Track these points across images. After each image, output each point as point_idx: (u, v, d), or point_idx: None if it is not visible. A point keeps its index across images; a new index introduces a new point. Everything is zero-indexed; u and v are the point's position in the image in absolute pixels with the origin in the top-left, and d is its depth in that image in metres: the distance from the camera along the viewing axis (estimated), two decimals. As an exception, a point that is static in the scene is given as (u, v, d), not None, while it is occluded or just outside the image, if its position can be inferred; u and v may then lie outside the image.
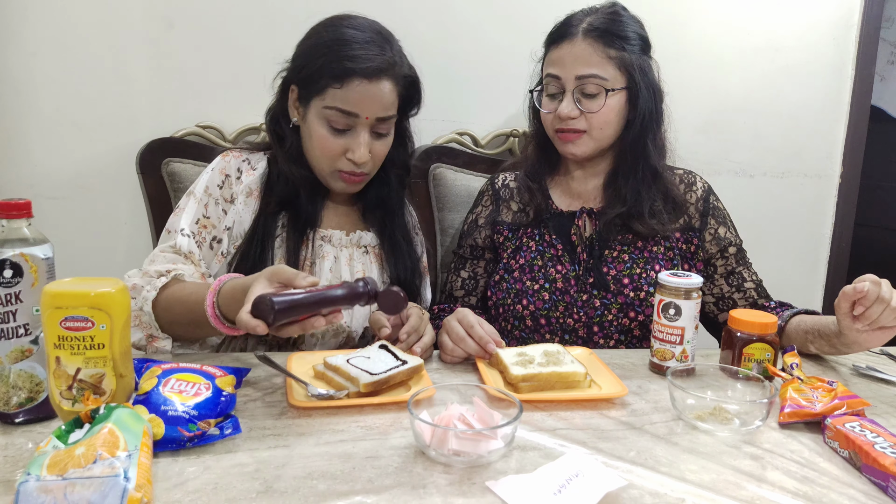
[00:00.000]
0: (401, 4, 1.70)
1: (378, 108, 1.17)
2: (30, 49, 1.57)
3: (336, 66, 1.15)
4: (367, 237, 1.32)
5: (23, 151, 1.61)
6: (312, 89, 1.18)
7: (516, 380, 0.97)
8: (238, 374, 0.92)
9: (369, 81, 1.15)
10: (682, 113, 1.94)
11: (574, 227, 1.34)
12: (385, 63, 1.16)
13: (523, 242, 1.37)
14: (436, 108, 1.77)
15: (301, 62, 1.20)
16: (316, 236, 1.26)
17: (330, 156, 1.20)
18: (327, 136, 1.18)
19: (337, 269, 1.27)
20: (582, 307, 1.29)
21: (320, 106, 1.17)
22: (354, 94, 1.15)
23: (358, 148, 1.18)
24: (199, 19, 1.63)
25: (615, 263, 1.30)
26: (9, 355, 0.81)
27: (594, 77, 1.26)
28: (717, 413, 0.90)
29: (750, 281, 1.33)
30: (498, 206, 1.44)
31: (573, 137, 1.30)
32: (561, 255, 1.32)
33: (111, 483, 0.61)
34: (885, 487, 0.74)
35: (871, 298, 0.99)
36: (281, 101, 1.26)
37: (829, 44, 1.96)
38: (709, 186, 1.39)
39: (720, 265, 1.34)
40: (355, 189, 1.27)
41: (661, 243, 1.32)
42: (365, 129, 1.19)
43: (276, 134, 1.27)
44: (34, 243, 0.81)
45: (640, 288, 1.27)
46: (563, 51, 1.29)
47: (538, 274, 1.32)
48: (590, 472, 0.73)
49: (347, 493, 0.70)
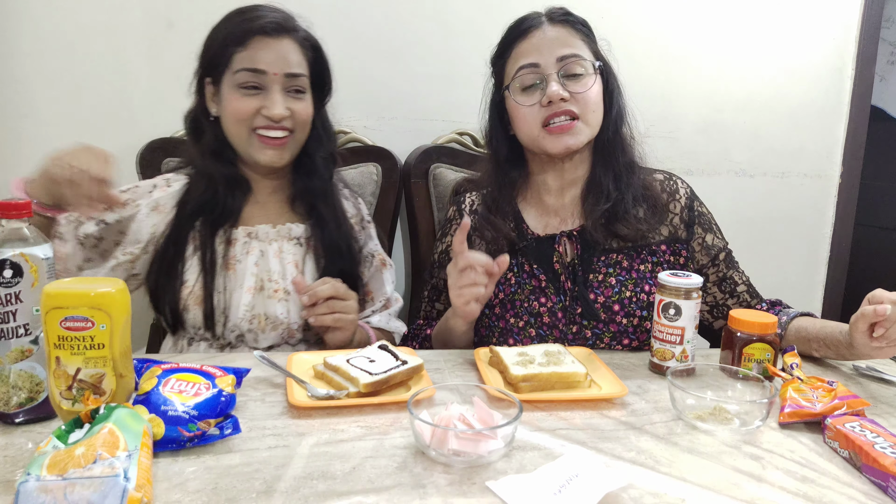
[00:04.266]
0: (401, 4, 1.70)
1: (284, 63, 1.19)
2: (30, 49, 1.57)
3: (237, 31, 1.19)
4: (298, 229, 1.30)
5: (23, 151, 1.61)
6: (221, 65, 1.20)
7: (516, 380, 0.97)
8: (238, 374, 0.92)
9: (270, 37, 1.18)
10: (682, 113, 1.95)
11: (556, 253, 1.25)
12: (282, 19, 1.21)
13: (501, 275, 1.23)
14: (436, 108, 1.78)
15: (206, 47, 1.23)
16: (239, 234, 1.25)
17: (245, 117, 1.20)
18: (240, 98, 1.19)
19: (264, 263, 1.25)
20: (573, 340, 1.22)
21: (230, 76, 1.19)
22: (258, 52, 1.18)
23: (273, 105, 1.19)
24: (199, 19, 1.62)
25: (602, 289, 1.22)
26: (9, 355, 0.81)
27: (576, 56, 1.21)
28: (717, 413, 0.90)
29: (741, 284, 1.30)
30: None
31: (567, 127, 1.20)
32: (545, 287, 1.23)
33: (111, 483, 0.61)
34: (885, 487, 0.74)
35: (893, 321, 0.97)
36: (200, 101, 1.26)
37: (829, 44, 1.96)
38: (691, 191, 1.33)
39: (712, 273, 1.29)
40: (279, 157, 1.23)
41: (647, 260, 1.25)
42: (277, 85, 1.20)
43: (194, 131, 1.28)
44: (34, 243, 0.81)
45: (633, 314, 1.21)
46: (535, 38, 1.23)
47: (521, 309, 1.23)
48: (590, 472, 0.73)
49: (347, 493, 0.70)
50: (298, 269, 1.27)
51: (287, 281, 1.25)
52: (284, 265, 1.26)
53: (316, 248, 1.30)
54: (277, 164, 1.25)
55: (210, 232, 1.24)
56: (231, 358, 1.10)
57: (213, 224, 1.24)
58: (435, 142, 1.75)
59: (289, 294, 1.24)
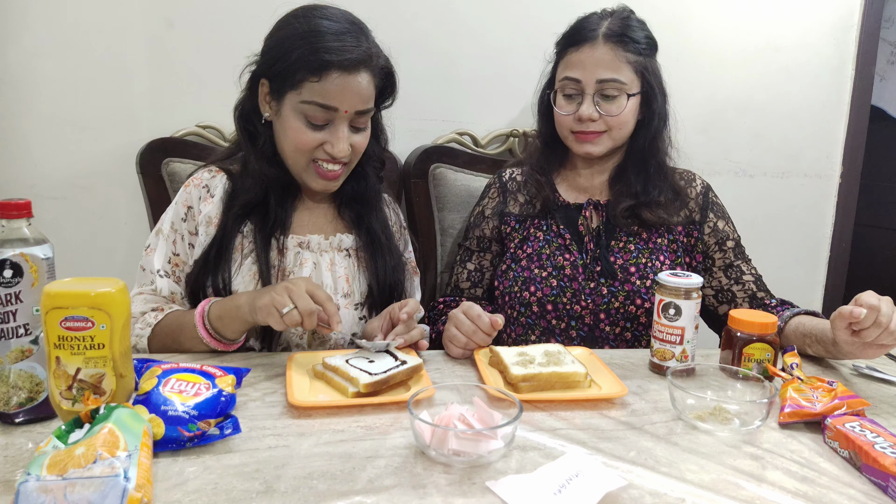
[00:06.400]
0: (401, 4, 1.70)
1: (357, 101, 1.14)
2: (30, 49, 1.57)
3: (313, 58, 1.10)
4: (348, 240, 1.28)
5: (23, 151, 1.61)
6: (287, 83, 1.14)
7: (516, 380, 0.97)
8: (238, 374, 0.92)
9: (348, 74, 1.12)
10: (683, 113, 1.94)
11: (581, 217, 1.37)
12: (363, 55, 1.13)
13: (531, 233, 1.39)
14: (436, 108, 1.78)
15: (273, 55, 1.15)
16: (290, 243, 1.23)
17: (306, 150, 1.16)
18: (304, 130, 1.15)
19: (317, 275, 1.23)
20: (590, 294, 1.30)
21: (297, 100, 1.13)
22: (333, 87, 1.12)
23: (338, 143, 1.15)
24: (198, 19, 1.63)
25: (622, 253, 1.33)
26: (9, 355, 0.81)
27: (615, 81, 1.30)
28: (717, 413, 0.90)
29: (748, 274, 1.35)
30: (505, 197, 1.45)
31: (592, 137, 1.33)
32: (569, 245, 1.35)
33: (111, 483, 0.61)
34: (885, 487, 0.74)
35: (867, 324, 0.97)
36: (251, 97, 1.21)
37: (829, 44, 1.96)
38: (707, 184, 1.43)
39: (718, 258, 1.36)
40: (333, 186, 1.23)
41: (664, 235, 1.35)
42: (344, 123, 1.15)
43: (248, 131, 1.22)
44: (34, 243, 0.81)
45: (646, 276, 1.30)
46: (584, 54, 1.31)
47: (546, 262, 1.34)
48: (590, 472, 0.73)
49: (347, 493, 0.70)
50: (349, 284, 1.25)
51: (338, 295, 1.23)
52: (336, 279, 1.25)
53: (366, 262, 1.28)
54: (329, 191, 1.25)
55: (264, 240, 1.20)
56: (231, 358, 1.10)
57: (265, 230, 1.20)
58: (435, 142, 1.75)
59: (338, 309, 1.18)
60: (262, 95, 1.19)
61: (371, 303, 1.27)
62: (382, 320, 1.15)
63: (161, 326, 1.14)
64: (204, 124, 1.64)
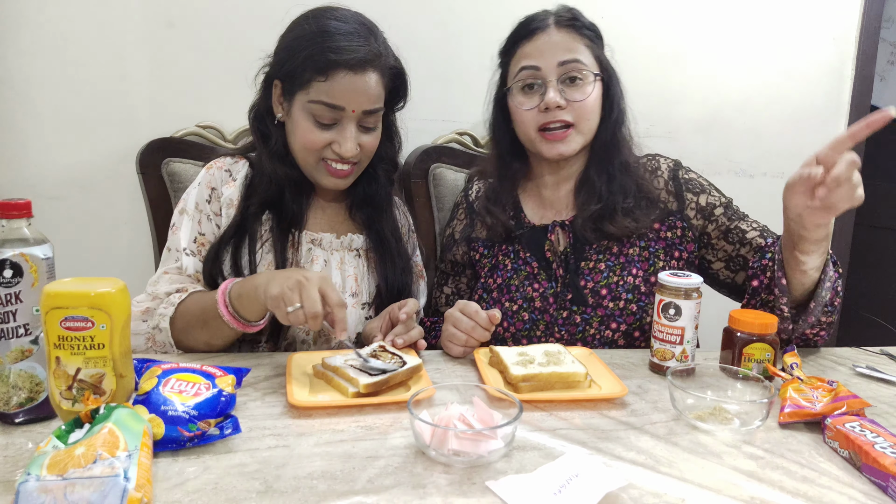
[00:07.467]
0: (401, 4, 1.70)
1: (364, 100, 1.15)
2: (30, 49, 1.57)
3: (320, 58, 1.12)
4: (359, 240, 1.29)
5: (23, 151, 1.61)
6: (296, 83, 1.15)
7: (516, 380, 0.97)
8: (238, 374, 0.92)
9: (355, 73, 1.13)
10: (682, 113, 1.95)
11: (548, 242, 1.31)
12: (370, 54, 1.14)
13: (499, 260, 1.34)
14: (436, 108, 1.78)
15: (283, 56, 1.17)
16: (304, 238, 1.24)
17: (315, 149, 1.17)
18: (312, 129, 1.16)
19: (327, 273, 1.24)
20: (563, 325, 1.26)
21: (305, 100, 1.15)
22: (340, 86, 1.12)
23: (345, 142, 1.16)
24: (198, 19, 1.63)
25: (592, 275, 1.27)
26: (9, 355, 0.81)
27: (576, 62, 1.25)
28: (717, 413, 0.90)
29: (751, 231, 1.26)
30: (472, 220, 1.41)
31: (561, 136, 1.26)
32: (537, 273, 1.30)
33: (111, 483, 0.61)
34: (885, 487, 0.74)
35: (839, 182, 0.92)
36: (265, 98, 1.23)
37: (829, 44, 1.96)
38: (674, 163, 1.35)
39: (712, 230, 1.29)
40: (344, 184, 1.24)
41: (636, 244, 1.28)
42: (352, 123, 1.16)
43: (261, 132, 1.24)
44: (34, 243, 0.81)
45: (619, 297, 1.24)
46: (539, 41, 1.26)
47: (516, 294, 1.29)
48: (590, 472, 0.73)
49: (347, 493, 0.70)
50: (357, 284, 1.26)
51: (346, 294, 1.25)
52: (345, 278, 1.26)
53: (376, 263, 1.29)
54: (340, 189, 1.26)
55: (282, 233, 1.21)
56: (231, 358, 1.10)
57: (281, 225, 1.22)
58: (435, 142, 1.75)
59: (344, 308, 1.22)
60: (276, 97, 1.21)
61: (379, 303, 1.27)
62: (382, 320, 1.15)
63: (185, 305, 1.13)
64: (204, 124, 1.64)
